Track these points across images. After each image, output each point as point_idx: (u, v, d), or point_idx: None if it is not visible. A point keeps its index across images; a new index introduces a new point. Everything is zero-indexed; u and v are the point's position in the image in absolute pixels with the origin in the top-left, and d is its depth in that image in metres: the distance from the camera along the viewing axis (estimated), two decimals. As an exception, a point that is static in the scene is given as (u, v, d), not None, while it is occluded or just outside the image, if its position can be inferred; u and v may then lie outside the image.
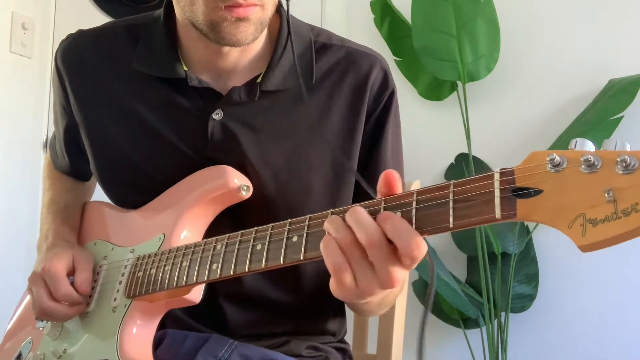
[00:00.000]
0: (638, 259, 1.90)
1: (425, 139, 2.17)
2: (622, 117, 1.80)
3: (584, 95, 1.97)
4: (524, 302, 1.97)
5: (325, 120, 0.98)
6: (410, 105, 2.16)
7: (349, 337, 1.16)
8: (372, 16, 2.20)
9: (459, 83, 2.05)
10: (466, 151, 2.03)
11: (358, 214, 0.66)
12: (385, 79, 1.02)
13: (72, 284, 0.97)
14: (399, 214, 0.65)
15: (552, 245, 1.99)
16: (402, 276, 0.65)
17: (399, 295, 1.02)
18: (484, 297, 1.92)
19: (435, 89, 2.13)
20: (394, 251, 0.64)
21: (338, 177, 0.99)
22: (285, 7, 0.98)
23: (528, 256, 1.99)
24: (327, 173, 0.99)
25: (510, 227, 1.97)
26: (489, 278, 1.93)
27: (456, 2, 1.98)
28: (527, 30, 2.10)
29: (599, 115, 1.83)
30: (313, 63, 0.99)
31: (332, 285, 0.68)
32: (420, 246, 0.63)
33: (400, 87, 1.07)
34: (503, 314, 1.94)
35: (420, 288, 2.08)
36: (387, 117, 1.02)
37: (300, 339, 1.04)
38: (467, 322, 2.01)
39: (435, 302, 2.02)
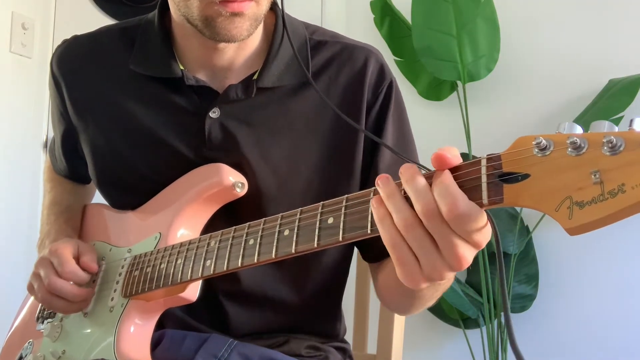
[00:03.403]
0: (638, 259, 1.90)
1: (425, 139, 2.16)
2: (622, 117, 1.80)
3: (584, 95, 1.97)
4: (524, 302, 1.97)
5: (323, 115, 0.98)
6: (410, 105, 2.12)
7: (349, 337, 1.16)
8: (372, 16, 2.20)
9: (459, 83, 2.05)
10: (466, 151, 2.03)
11: (417, 182, 0.62)
12: (382, 70, 1.02)
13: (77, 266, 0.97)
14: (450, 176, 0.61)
15: (552, 245, 1.99)
16: (469, 254, 0.61)
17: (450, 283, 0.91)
18: (484, 297, 1.92)
19: (435, 89, 2.13)
20: None
21: (337, 172, 0.99)
22: (279, 4, 0.98)
23: (528, 256, 1.98)
24: (325, 168, 0.98)
25: (510, 227, 1.97)
26: (489, 278, 1.93)
27: (456, 2, 1.98)
28: (527, 30, 2.10)
29: (599, 115, 1.82)
30: (309, 59, 0.99)
31: (397, 271, 0.64)
32: (457, 205, 0.58)
33: (400, 87, 1.07)
34: (503, 314, 1.94)
35: (420, 288, 2.08)
36: (388, 109, 1.01)
37: (299, 338, 1.04)
38: (467, 322, 2.01)
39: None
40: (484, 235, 0.61)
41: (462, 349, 2.00)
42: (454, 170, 0.62)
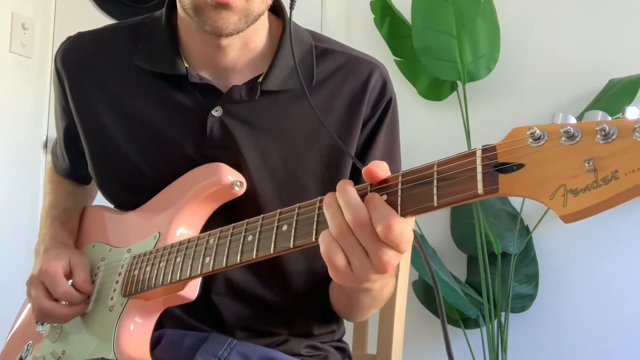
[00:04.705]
0: (638, 259, 1.90)
1: (425, 139, 2.17)
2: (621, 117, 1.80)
3: (584, 95, 1.97)
4: (524, 302, 1.97)
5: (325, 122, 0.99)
6: (410, 105, 2.16)
7: (349, 337, 1.16)
8: (372, 16, 2.20)
9: (459, 83, 2.05)
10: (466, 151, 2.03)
11: (348, 194, 0.68)
12: (384, 86, 1.03)
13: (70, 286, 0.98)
14: (384, 196, 0.67)
15: (552, 245, 1.99)
16: (394, 260, 0.67)
17: (390, 293, 1.01)
18: (484, 297, 1.92)
19: (435, 89, 2.13)
20: None
21: (334, 179, 0.99)
22: (286, 10, 0.99)
23: (528, 256, 1.98)
24: (323, 175, 0.99)
25: (510, 227, 1.97)
26: (489, 278, 1.93)
27: (456, 2, 1.98)
28: (527, 30, 2.10)
29: (599, 115, 1.82)
30: (313, 67, 1.00)
31: (329, 269, 0.70)
32: (392, 227, 0.64)
33: (400, 87, 1.07)
34: (503, 314, 1.94)
35: (420, 288, 2.08)
36: (382, 125, 1.02)
37: (299, 337, 1.04)
38: (467, 322, 2.01)
39: (435, 301, 2.02)
40: (409, 243, 0.67)
41: (462, 349, 2.00)
42: (449, 161, 0.63)
